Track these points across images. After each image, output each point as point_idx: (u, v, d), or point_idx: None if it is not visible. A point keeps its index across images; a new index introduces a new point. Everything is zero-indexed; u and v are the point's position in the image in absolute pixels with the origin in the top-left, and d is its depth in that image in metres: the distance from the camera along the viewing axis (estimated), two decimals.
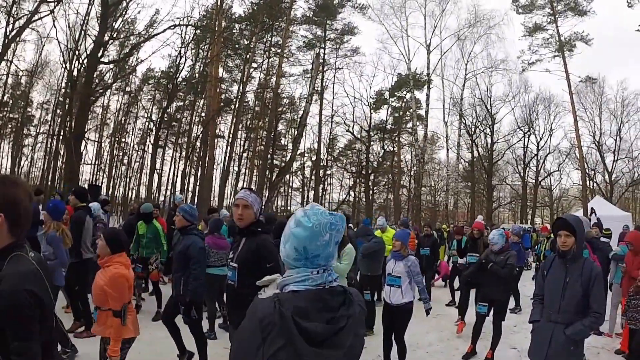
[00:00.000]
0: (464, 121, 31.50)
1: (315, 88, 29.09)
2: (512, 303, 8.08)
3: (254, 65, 29.75)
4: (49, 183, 26.98)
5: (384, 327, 5.23)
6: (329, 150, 31.31)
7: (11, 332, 1.56)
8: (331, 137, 31.13)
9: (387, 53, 31.74)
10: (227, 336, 5.11)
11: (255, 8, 29.70)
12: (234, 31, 29.84)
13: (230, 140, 28.57)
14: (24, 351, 1.56)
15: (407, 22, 30.77)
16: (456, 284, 10.08)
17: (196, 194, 28.26)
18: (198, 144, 28.46)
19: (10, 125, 31.31)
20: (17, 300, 1.53)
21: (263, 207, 3.66)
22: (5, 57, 27.03)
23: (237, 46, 29.87)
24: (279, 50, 29.98)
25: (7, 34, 26.92)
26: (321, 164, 30.73)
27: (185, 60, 27.59)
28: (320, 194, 30.28)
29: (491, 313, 5.94)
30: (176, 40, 29.07)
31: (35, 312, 1.57)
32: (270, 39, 30.20)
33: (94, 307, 3.52)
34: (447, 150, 32.22)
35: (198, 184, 28.51)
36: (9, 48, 26.85)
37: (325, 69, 30.59)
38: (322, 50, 30.79)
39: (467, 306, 7.51)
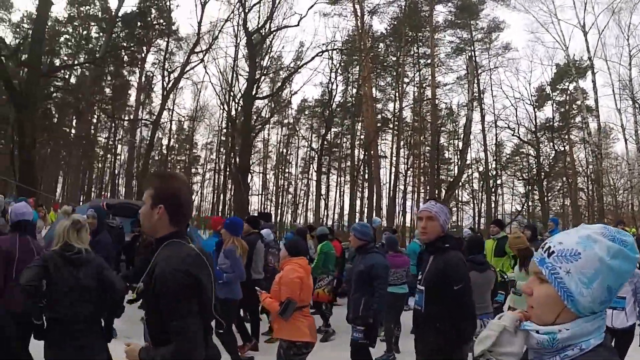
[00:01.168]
0: (637, 105, 28.32)
1: (474, 94, 27.65)
2: None
3: (406, 80, 29.31)
4: (219, 214, 28.35)
5: None
6: (496, 158, 29.51)
7: (169, 312, 1.59)
8: (497, 143, 29.35)
9: (541, 43, 29.23)
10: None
11: (395, 23, 29.44)
12: (379, 50, 29.79)
13: (393, 159, 28.33)
14: (182, 330, 1.57)
15: (554, 4, 28.30)
16: None
17: (364, 215, 28.07)
18: (361, 166, 28.42)
19: (178, 166, 33.88)
20: (174, 280, 1.58)
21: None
22: (166, 107, 29.57)
23: (385, 64, 29.59)
24: (428, 61, 29.17)
25: (165, 86, 29.64)
26: (489, 173, 29.11)
27: (337, 85, 28.32)
28: (492, 206, 28.64)
29: None
30: (325, 67, 29.23)
31: (193, 293, 1.61)
32: (417, 50, 29.62)
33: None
34: (625, 141, 29.08)
35: (366, 205, 28.46)
36: (168, 98, 29.35)
37: (479, 71, 29.05)
38: (472, 53, 29.36)
39: None
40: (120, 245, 7.26)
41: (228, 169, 28.42)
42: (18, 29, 32.23)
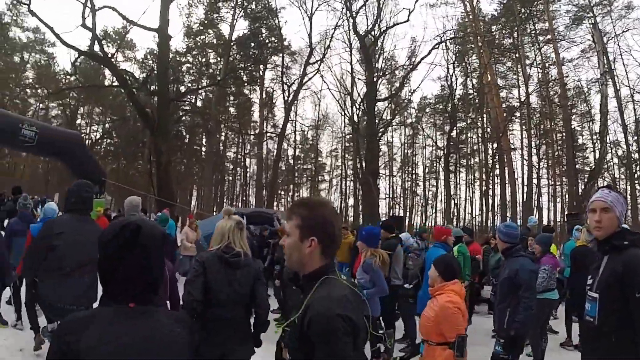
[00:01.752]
0: None
1: (605, 66, 25.96)
2: None
3: (527, 62, 27.98)
4: (345, 219, 29.60)
5: None
6: (638, 138, 26.39)
7: (323, 357, 1.51)
8: (637, 120, 26.88)
9: None
10: None
11: (505, 1, 27.94)
12: (494, 34, 28.67)
13: (524, 151, 27.44)
14: None
15: None
16: None
17: (495, 214, 27.59)
18: (491, 161, 27.79)
19: (305, 175, 36.19)
20: (331, 325, 1.48)
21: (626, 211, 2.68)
22: (289, 119, 31.38)
23: (502, 47, 28.47)
24: (548, 37, 27.56)
25: (286, 99, 31.36)
26: (632, 157, 26.31)
27: (456, 78, 27.78)
28: (637, 195, 25.97)
29: None
30: (440, 60, 29.16)
31: (350, 339, 1.51)
32: (534, 27, 27.97)
33: (420, 339, 3.36)
34: None
35: (500, 202, 27.80)
36: (290, 110, 31.02)
37: (606, 40, 27.03)
38: (594, 20, 27.09)
39: None
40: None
41: (356, 174, 29.25)
42: (143, 64, 36.35)
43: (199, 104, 36.31)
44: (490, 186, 28.11)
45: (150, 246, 1.37)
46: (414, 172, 32.36)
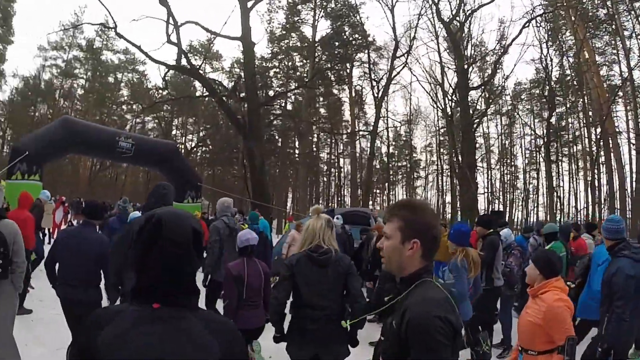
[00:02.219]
0: None
1: None
2: None
3: (626, 33, 27.31)
4: (443, 216, 31.96)
5: None
6: None
7: None
8: None
9: None
10: None
11: None
12: (585, 6, 28.00)
13: (630, 134, 26.94)
14: None
15: None
16: None
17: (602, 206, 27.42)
18: (595, 148, 27.76)
19: (400, 172, 39.37)
20: (429, 327, 1.57)
21: None
22: (381, 116, 33.57)
23: (597, 20, 28.10)
24: None
25: (375, 95, 33.85)
26: None
27: (551, 59, 28.31)
28: None
29: None
30: (532, 40, 29.79)
31: (449, 342, 1.59)
32: None
33: (520, 348, 3.21)
34: None
35: (608, 193, 27.65)
36: (381, 107, 33.40)
37: None
38: None
39: None
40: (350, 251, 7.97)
41: (452, 169, 30.78)
42: (231, 73, 41.55)
43: (289, 107, 40.41)
44: (596, 176, 27.97)
45: (176, 241, 1.33)
46: (512, 163, 33.16)
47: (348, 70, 37.36)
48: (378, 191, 41.85)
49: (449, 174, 34.48)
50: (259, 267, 4.51)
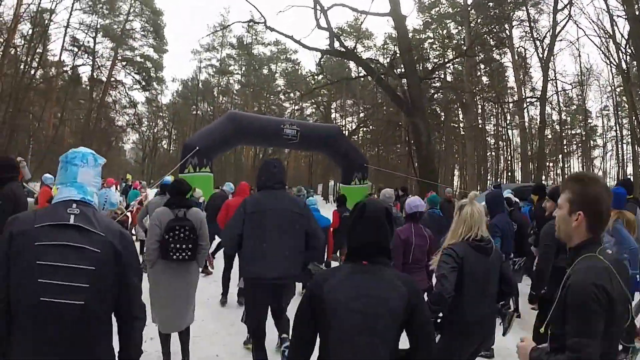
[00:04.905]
0: None
1: None
2: None
3: None
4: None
5: None
6: None
7: (571, 327, 2.05)
8: None
9: None
10: None
11: None
12: None
13: None
14: (581, 348, 1.99)
15: None
16: None
17: None
18: None
19: (574, 142, 41.59)
20: (584, 294, 2.02)
21: None
22: (549, 79, 35.97)
23: None
24: None
25: (541, 57, 36.35)
26: None
27: None
28: None
29: None
30: None
31: (603, 310, 2.01)
32: None
33: None
34: None
35: None
36: (548, 69, 35.66)
37: None
38: None
39: None
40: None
41: (633, 134, 31.28)
42: (385, 50, 47.30)
43: (449, 78, 44.44)
44: None
45: (374, 218, 2.51)
46: None
47: (507, 32, 39.78)
48: (551, 164, 43.26)
49: (629, 140, 35.02)
50: (424, 232, 5.77)
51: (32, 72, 38.33)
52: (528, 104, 39.68)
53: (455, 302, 3.63)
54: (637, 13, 26.21)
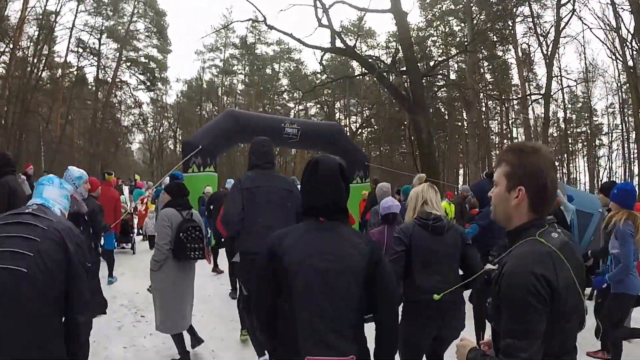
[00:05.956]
0: None
1: None
2: None
3: None
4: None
5: None
6: None
7: (505, 326, 1.74)
8: None
9: None
10: None
11: None
12: None
13: None
14: (514, 353, 1.67)
15: None
16: None
17: None
18: None
19: (580, 140, 41.26)
20: (519, 285, 1.70)
21: None
22: (553, 75, 35.70)
23: None
24: None
25: (545, 53, 36.30)
26: None
27: None
28: None
29: None
30: None
31: (543, 305, 1.68)
32: None
33: None
34: None
35: None
36: (552, 65, 35.34)
37: None
38: None
39: None
40: None
41: (639, 134, 31.00)
42: (388, 48, 47.34)
43: (452, 76, 44.47)
44: None
45: (328, 174, 2.44)
46: None
47: (510, 28, 39.59)
48: (557, 163, 41.94)
49: (634, 139, 34.54)
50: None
51: (39, 73, 38.58)
52: (532, 100, 39.54)
53: (409, 281, 3.81)
54: None
